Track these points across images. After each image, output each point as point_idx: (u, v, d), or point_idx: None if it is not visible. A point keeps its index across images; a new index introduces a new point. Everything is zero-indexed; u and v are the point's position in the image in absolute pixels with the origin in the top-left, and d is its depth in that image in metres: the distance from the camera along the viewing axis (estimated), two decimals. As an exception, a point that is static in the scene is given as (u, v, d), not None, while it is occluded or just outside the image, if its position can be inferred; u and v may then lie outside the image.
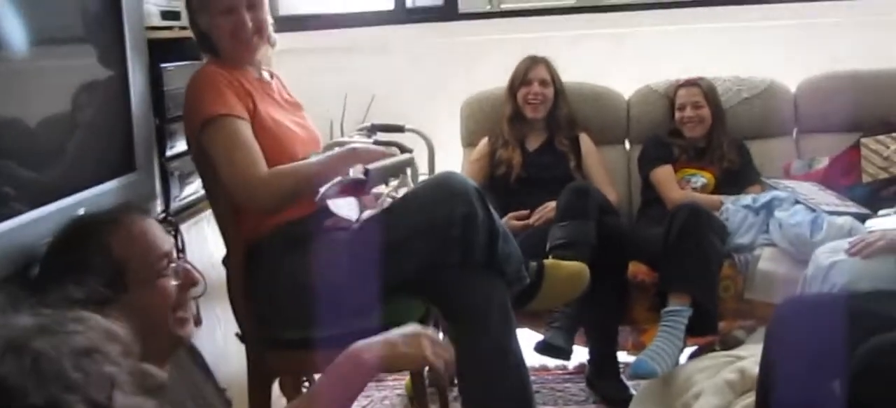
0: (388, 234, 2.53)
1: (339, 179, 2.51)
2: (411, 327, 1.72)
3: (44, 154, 2.07)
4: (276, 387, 2.98)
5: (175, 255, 1.79)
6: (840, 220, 3.39)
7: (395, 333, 1.69)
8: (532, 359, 3.49)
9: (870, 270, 2.70)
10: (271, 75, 2.94)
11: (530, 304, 2.81)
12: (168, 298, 1.71)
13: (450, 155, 4.32)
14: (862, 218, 3.44)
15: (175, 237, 2.69)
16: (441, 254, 2.51)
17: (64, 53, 2.22)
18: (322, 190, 2.49)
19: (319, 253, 2.58)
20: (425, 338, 1.70)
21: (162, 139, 2.74)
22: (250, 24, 2.71)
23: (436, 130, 4.26)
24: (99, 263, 1.65)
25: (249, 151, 2.58)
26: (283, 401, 3.11)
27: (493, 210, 2.62)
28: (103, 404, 0.96)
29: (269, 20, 2.80)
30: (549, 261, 2.90)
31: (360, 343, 1.68)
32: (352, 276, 2.53)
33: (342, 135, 4.37)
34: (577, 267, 2.90)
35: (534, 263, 2.82)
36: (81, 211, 1.96)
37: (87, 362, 0.98)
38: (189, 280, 1.77)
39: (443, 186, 2.58)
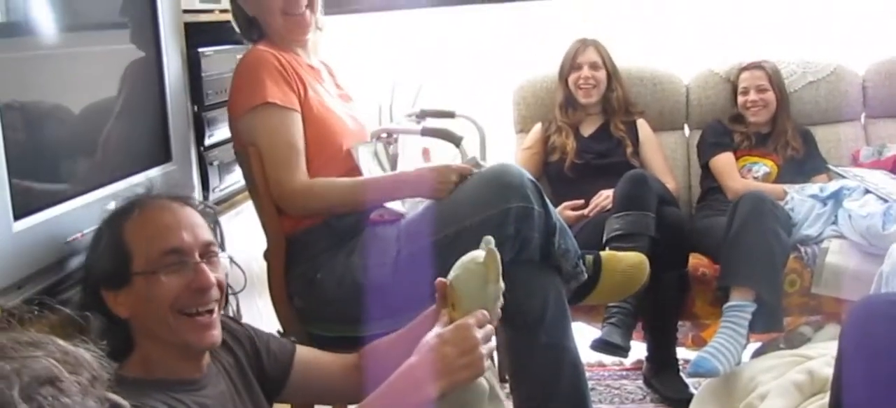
0: (439, 229, 2.41)
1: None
2: (468, 338, 1.58)
3: (75, 144, 2.00)
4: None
5: (197, 252, 1.69)
6: (914, 211, 3.22)
7: (452, 350, 1.56)
8: (588, 355, 3.39)
9: (952, 266, 2.54)
10: (324, 65, 2.83)
11: (587, 298, 2.68)
12: (168, 297, 1.63)
13: (502, 141, 4.20)
14: (937, 209, 3.25)
15: (214, 230, 2.60)
16: None
17: (95, 39, 2.15)
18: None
19: (365, 249, 2.48)
20: (481, 350, 1.57)
21: (200, 127, 2.66)
22: None
23: (487, 116, 4.13)
24: (107, 245, 1.64)
25: (293, 152, 2.50)
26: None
27: (549, 204, 2.49)
28: None
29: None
30: (606, 253, 2.76)
31: (421, 365, 1.56)
32: (399, 273, 2.42)
33: (391, 121, 4.27)
34: (637, 259, 2.76)
35: (590, 256, 2.68)
36: (111, 205, 1.87)
37: (41, 392, 0.90)
38: (198, 283, 1.65)
39: (497, 180, 2.44)
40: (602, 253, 2.76)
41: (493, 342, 1.63)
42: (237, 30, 2.70)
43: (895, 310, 2.21)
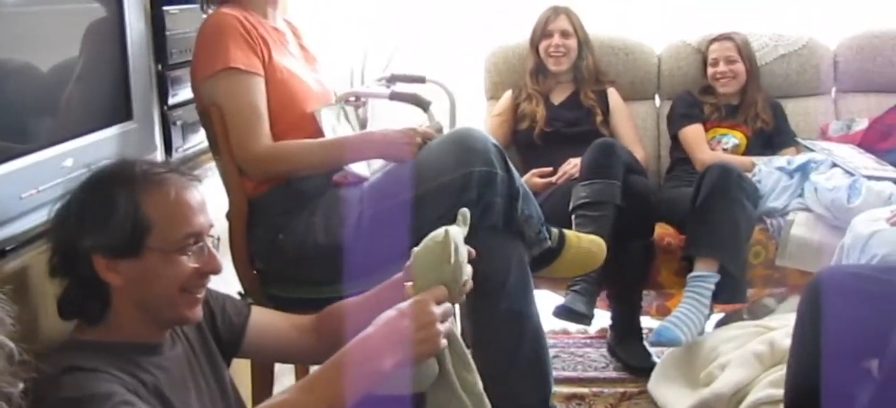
0: (402, 191, 2.39)
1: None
2: (426, 313, 1.56)
3: (33, 101, 1.96)
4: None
5: (210, 234, 1.69)
6: (879, 185, 3.24)
7: (409, 324, 1.54)
8: (552, 323, 3.40)
9: (913, 241, 2.55)
10: (288, 25, 2.79)
11: (546, 270, 2.66)
12: (179, 277, 1.62)
13: (472, 108, 4.19)
14: (902, 183, 3.27)
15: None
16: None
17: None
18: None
19: (327, 210, 2.46)
20: (438, 326, 1.56)
21: (163, 86, 2.61)
22: None
23: (458, 83, 4.10)
24: (123, 214, 1.57)
25: (256, 116, 2.47)
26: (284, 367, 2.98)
27: (513, 169, 2.47)
28: None
29: None
30: (570, 231, 2.74)
31: (376, 337, 1.54)
32: (361, 235, 2.40)
33: (362, 85, 4.24)
34: (598, 241, 2.75)
35: (556, 230, 2.67)
36: (68, 160, 1.85)
37: None
38: (209, 268, 1.67)
39: (460, 144, 2.42)
40: (566, 231, 2.75)
41: (452, 323, 1.61)
42: None
43: (852, 281, 2.23)
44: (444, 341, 1.57)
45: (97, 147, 2.04)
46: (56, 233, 1.63)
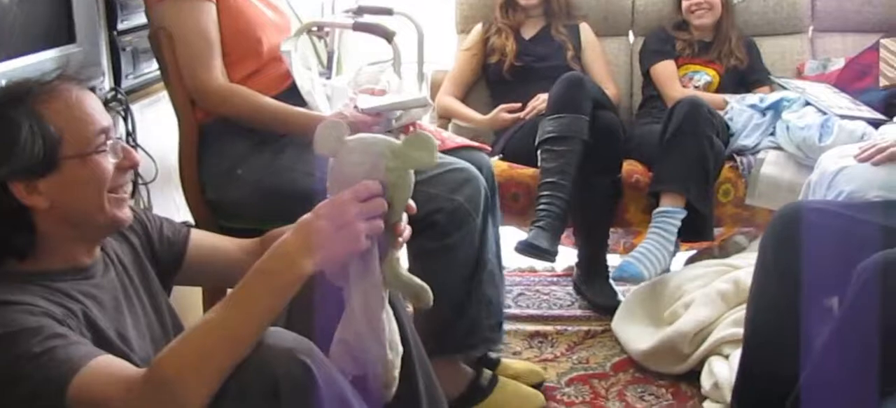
0: None
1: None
2: (344, 212, 1.48)
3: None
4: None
5: (115, 133, 1.64)
6: (852, 124, 3.19)
7: (327, 224, 1.47)
8: (518, 260, 3.35)
9: (880, 178, 2.49)
10: None
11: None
12: (104, 177, 1.57)
13: (441, 41, 4.08)
14: (876, 124, 3.23)
15: (125, 118, 2.51)
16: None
17: None
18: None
19: (296, 154, 2.41)
20: (359, 225, 1.48)
21: (112, 10, 2.53)
22: None
23: (427, 15, 4.01)
24: (30, 132, 1.50)
25: (206, 44, 2.40)
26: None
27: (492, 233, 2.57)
28: None
29: None
30: (504, 379, 2.69)
31: (293, 241, 1.48)
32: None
33: (332, 15, 4.16)
34: (535, 398, 2.71)
35: (488, 372, 2.65)
36: (1, 81, 1.77)
37: None
38: (129, 161, 1.63)
39: (461, 175, 2.44)
40: (500, 375, 2.69)
41: (379, 222, 1.52)
42: None
43: (815, 216, 2.19)
44: (365, 241, 1.49)
45: (34, 69, 1.95)
46: None
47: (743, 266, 2.94)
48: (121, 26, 2.58)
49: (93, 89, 1.77)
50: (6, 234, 1.54)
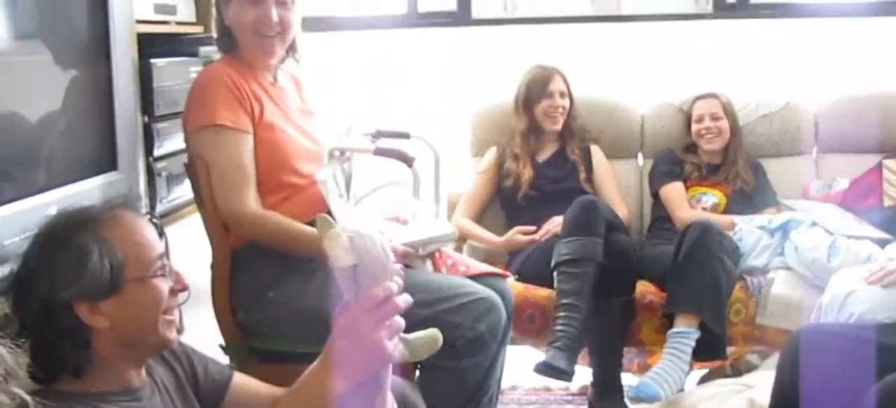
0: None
1: None
2: (359, 327, 1.57)
3: (18, 149, 1.97)
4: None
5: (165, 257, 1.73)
6: (858, 245, 3.27)
7: (345, 344, 1.57)
8: (533, 379, 3.40)
9: (890, 300, 2.57)
10: (292, 79, 2.83)
11: None
12: (161, 299, 1.66)
13: (456, 164, 4.20)
14: (882, 243, 3.31)
15: (161, 240, 2.58)
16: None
17: (45, 47, 2.11)
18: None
19: (327, 280, 2.46)
20: (376, 335, 1.56)
21: (150, 138, 2.64)
22: (276, 20, 2.58)
23: (442, 139, 4.13)
24: (99, 256, 1.58)
25: (242, 174, 2.49)
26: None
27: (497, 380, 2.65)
28: None
29: (297, 27, 2.67)
30: None
31: (322, 370, 1.58)
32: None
33: (348, 138, 4.26)
34: None
35: None
36: (53, 209, 1.86)
37: None
38: (180, 285, 1.72)
39: (482, 305, 2.51)
40: None
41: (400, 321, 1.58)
42: (214, 35, 2.69)
43: (830, 339, 2.25)
44: (392, 345, 1.55)
45: (81, 197, 2.06)
46: (24, 298, 1.61)
47: (756, 385, 2.99)
48: (157, 152, 2.67)
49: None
50: (66, 352, 1.60)
